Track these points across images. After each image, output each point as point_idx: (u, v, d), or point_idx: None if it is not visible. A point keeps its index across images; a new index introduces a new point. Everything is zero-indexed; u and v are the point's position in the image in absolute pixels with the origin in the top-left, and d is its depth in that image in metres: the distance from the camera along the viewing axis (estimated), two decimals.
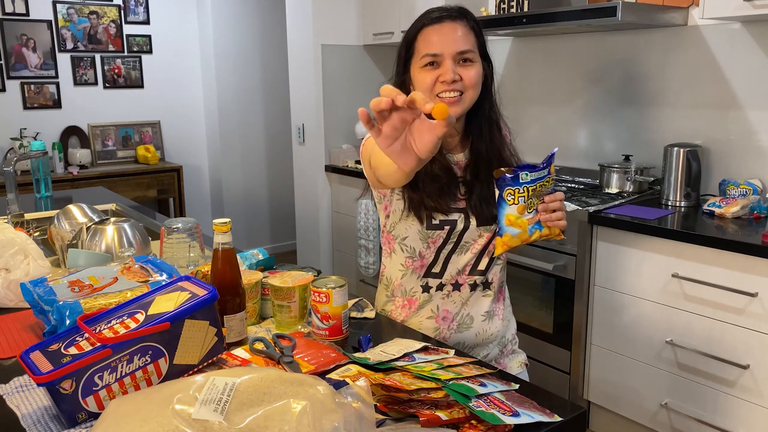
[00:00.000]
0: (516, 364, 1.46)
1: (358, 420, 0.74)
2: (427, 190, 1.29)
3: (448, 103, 1.25)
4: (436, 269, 1.36)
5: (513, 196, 1.18)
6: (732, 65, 2.42)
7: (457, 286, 1.36)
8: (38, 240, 1.81)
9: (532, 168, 1.18)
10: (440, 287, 1.36)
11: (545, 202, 1.20)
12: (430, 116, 0.80)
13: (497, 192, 1.19)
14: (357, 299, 1.41)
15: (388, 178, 1.11)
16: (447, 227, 1.32)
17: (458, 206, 1.33)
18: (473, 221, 1.32)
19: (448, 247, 1.34)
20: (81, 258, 1.51)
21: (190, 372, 0.99)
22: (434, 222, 1.32)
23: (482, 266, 1.36)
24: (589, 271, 2.36)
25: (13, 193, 2.18)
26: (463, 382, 0.95)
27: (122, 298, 1.15)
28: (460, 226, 1.32)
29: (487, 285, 1.38)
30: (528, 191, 1.17)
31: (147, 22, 4.54)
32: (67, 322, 1.10)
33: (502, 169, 1.18)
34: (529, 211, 1.19)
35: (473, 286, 1.37)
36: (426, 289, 1.37)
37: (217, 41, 4.64)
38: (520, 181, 1.16)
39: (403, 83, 1.33)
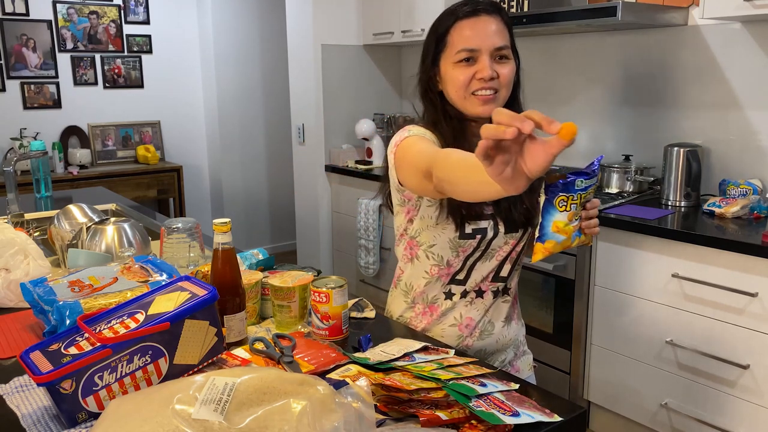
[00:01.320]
0: (527, 366, 1.45)
1: (358, 420, 0.74)
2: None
3: (483, 101, 1.22)
4: (461, 276, 1.32)
5: (565, 203, 1.13)
6: (732, 65, 2.42)
7: (480, 293, 1.33)
8: (38, 240, 1.81)
9: (586, 175, 1.14)
10: (464, 294, 1.33)
11: (587, 209, 1.17)
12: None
13: (543, 197, 1.13)
14: (357, 299, 1.41)
15: (475, 195, 0.98)
16: (478, 236, 1.28)
17: (487, 213, 1.28)
18: (501, 228, 1.28)
19: (476, 254, 1.30)
20: (81, 258, 1.51)
21: (190, 372, 0.99)
22: (467, 231, 1.27)
23: (504, 273, 1.34)
24: (589, 271, 2.36)
25: (13, 193, 2.18)
26: (463, 382, 0.95)
27: (122, 298, 1.15)
28: (490, 234, 1.28)
29: (506, 291, 1.36)
30: (581, 198, 1.14)
31: (147, 22, 4.54)
32: (67, 322, 1.10)
33: (556, 174, 1.13)
34: (575, 218, 1.15)
35: (495, 293, 1.34)
36: (449, 296, 1.33)
37: (217, 41, 4.64)
38: (575, 188, 1.12)
39: (431, 78, 1.28)
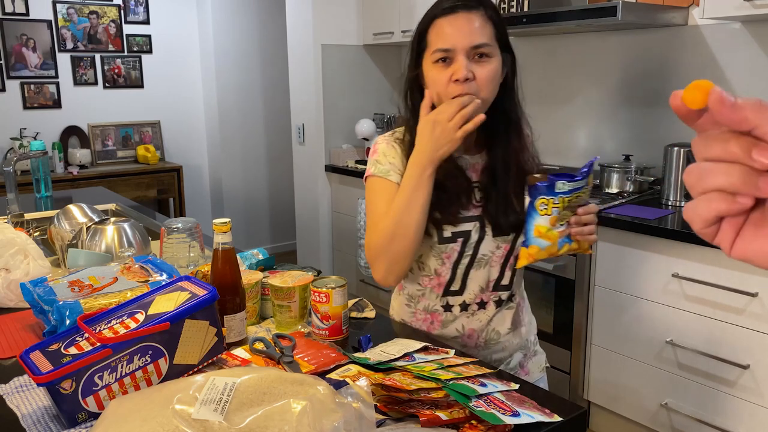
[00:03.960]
0: (537, 368, 1.39)
1: (358, 420, 0.74)
2: (433, 201, 1.18)
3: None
4: (455, 287, 1.26)
5: (546, 207, 1.08)
6: (732, 65, 2.42)
7: (482, 305, 1.28)
8: (38, 240, 1.81)
9: (570, 177, 1.08)
10: (464, 307, 1.27)
11: (578, 215, 1.10)
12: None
13: (528, 200, 1.10)
14: (357, 299, 1.41)
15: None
16: (460, 239, 1.22)
17: (472, 214, 1.23)
18: (489, 231, 1.23)
19: (465, 261, 1.24)
20: (81, 258, 1.51)
21: (190, 372, 0.99)
22: (446, 235, 1.22)
23: (506, 281, 1.27)
24: (589, 271, 2.36)
25: (13, 193, 2.18)
26: (463, 382, 0.95)
27: (122, 298, 1.15)
28: (474, 236, 1.22)
29: (510, 298, 1.31)
30: (564, 202, 1.08)
31: (147, 22, 4.54)
32: (67, 322, 1.10)
33: (537, 176, 1.09)
34: (561, 223, 1.09)
35: (498, 302, 1.29)
36: (447, 308, 1.28)
37: (217, 41, 4.64)
38: (556, 191, 1.07)
39: (416, 78, 1.23)
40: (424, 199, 1.15)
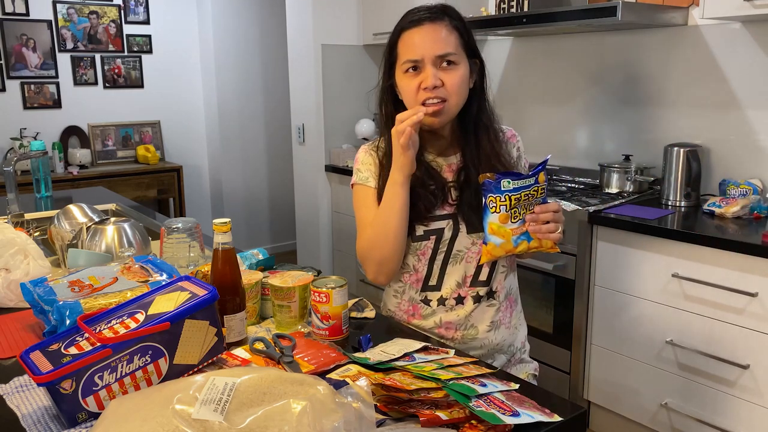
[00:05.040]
0: (523, 375, 1.40)
1: (358, 420, 0.74)
2: (410, 202, 1.26)
3: (431, 112, 1.21)
4: (433, 282, 1.32)
5: (495, 204, 1.13)
6: (732, 65, 2.42)
7: (460, 300, 1.32)
8: (38, 240, 1.81)
9: (516, 176, 1.13)
10: (442, 302, 1.32)
11: (535, 213, 1.15)
12: None
13: (483, 198, 1.15)
14: (357, 299, 1.41)
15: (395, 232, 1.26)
16: (433, 237, 1.28)
17: (446, 213, 1.29)
18: (463, 228, 1.28)
19: (440, 257, 1.30)
20: (81, 258, 1.51)
21: (190, 372, 0.99)
22: (418, 234, 1.29)
23: (484, 276, 1.31)
24: (589, 271, 2.36)
25: (13, 193, 2.18)
26: (463, 382, 0.95)
27: (122, 298, 1.15)
28: (448, 234, 1.28)
29: (491, 294, 1.34)
30: (510, 200, 1.13)
31: (147, 22, 4.54)
32: (67, 322, 1.10)
33: (487, 174, 1.14)
34: (513, 220, 1.14)
35: (477, 298, 1.32)
36: (426, 302, 1.33)
37: (217, 41, 4.64)
38: (502, 188, 1.12)
39: (390, 88, 1.31)
40: (399, 207, 1.23)
